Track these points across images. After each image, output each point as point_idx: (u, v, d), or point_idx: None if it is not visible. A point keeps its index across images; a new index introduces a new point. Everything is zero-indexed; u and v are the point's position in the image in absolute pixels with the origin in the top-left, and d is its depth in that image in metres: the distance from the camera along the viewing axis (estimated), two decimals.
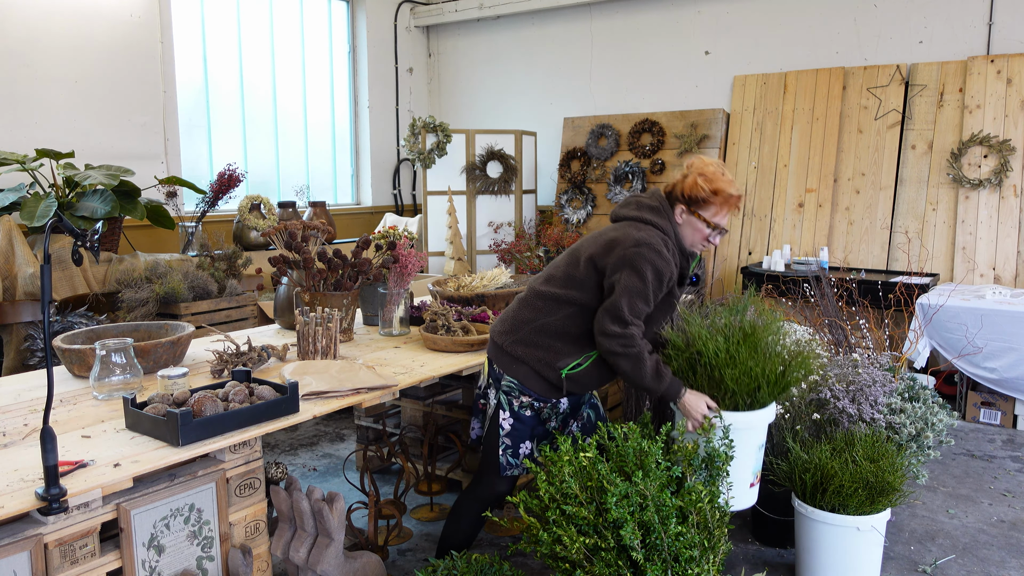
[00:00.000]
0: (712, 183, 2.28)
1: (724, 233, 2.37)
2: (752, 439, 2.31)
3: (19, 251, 3.71)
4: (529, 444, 2.37)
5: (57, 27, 4.70)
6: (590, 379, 2.34)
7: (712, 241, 2.36)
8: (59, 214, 3.47)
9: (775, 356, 2.29)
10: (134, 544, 1.77)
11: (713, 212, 2.30)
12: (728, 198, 2.30)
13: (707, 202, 2.28)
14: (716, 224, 2.31)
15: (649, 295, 2.21)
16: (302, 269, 2.95)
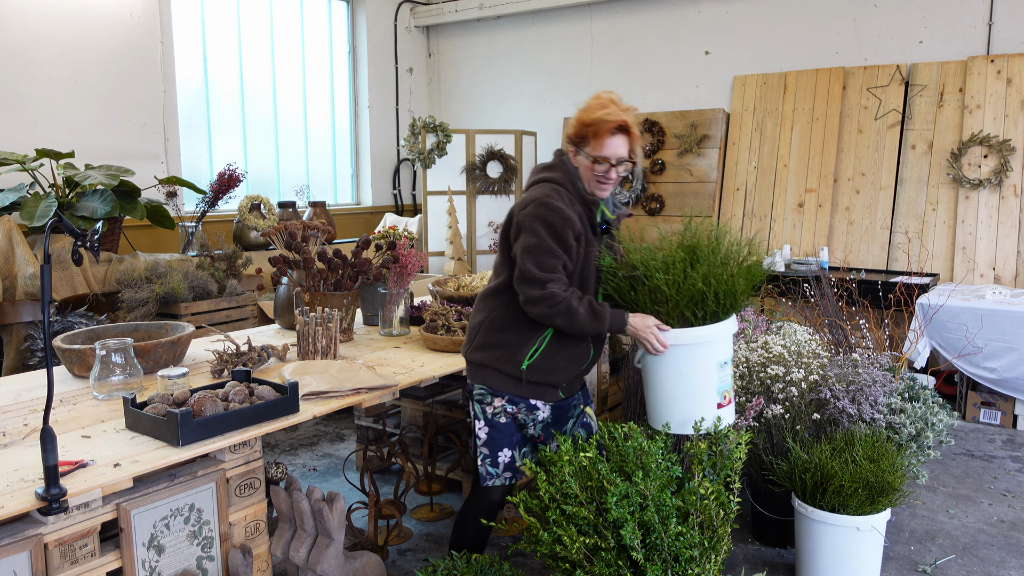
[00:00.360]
0: (582, 116, 2.17)
1: (618, 166, 2.17)
2: (710, 355, 2.19)
3: (19, 251, 3.71)
4: (509, 452, 2.28)
5: (57, 27, 4.70)
6: (554, 362, 2.23)
7: (608, 178, 2.18)
8: (59, 214, 3.47)
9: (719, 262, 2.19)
10: (134, 544, 1.77)
11: (592, 146, 2.15)
12: (598, 125, 2.13)
13: (583, 137, 2.16)
14: (598, 157, 2.14)
15: (552, 247, 2.11)
16: (302, 269, 2.95)
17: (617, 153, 2.15)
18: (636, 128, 2.19)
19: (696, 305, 2.17)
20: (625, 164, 2.18)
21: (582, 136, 2.16)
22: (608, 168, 2.16)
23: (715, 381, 2.21)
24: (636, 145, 2.21)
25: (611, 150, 2.14)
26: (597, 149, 2.14)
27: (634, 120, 2.18)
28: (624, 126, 2.14)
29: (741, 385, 2.95)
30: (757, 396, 2.78)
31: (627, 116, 2.15)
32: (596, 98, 2.19)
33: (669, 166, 6.14)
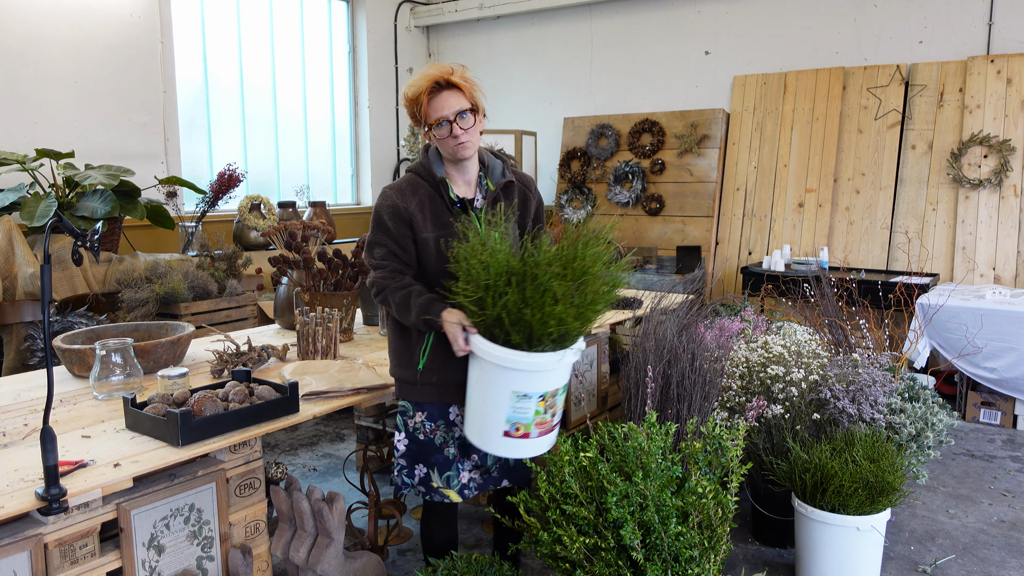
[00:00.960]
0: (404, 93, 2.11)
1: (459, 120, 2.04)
2: (504, 381, 1.94)
3: (19, 251, 3.71)
4: (424, 468, 2.20)
5: (57, 27, 4.70)
6: (446, 361, 2.11)
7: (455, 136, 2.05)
8: (59, 214, 3.48)
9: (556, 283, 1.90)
10: (134, 544, 1.77)
11: (425, 116, 2.06)
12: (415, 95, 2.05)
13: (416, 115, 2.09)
14: (432, 122, 2.05)
15: (376, 236, 2.12)
16: (302, 269, 2.95)
17: (449, 107, 2.03)
18: (459, 76, 2.06)
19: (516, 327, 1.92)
20: (469, 115, 2.05)
21: (415, 115, 2.09)
22: (449, 126, 2.04)
23: (505, 409, 1.96)
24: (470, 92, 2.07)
25: (439, 109, 2.03)
26: (428, 116, 2.05)
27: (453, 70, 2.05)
28: (440, 82, 2.03)
29: (741, 385, 2.95)
30: (757, 396, 2.78)
31: (438, 71, 2.03)
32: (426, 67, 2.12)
33: (669, 166, 6.14)
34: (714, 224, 5.96)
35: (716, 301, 3.72)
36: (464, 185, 2.19)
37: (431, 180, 2.14)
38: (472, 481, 2.25)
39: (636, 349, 2.84)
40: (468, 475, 2.24)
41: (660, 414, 2.67)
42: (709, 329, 3.09)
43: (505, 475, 2.29)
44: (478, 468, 2.26)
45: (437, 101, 2.04)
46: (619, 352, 3.87)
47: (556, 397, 2.02)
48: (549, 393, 1.98)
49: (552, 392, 1.99)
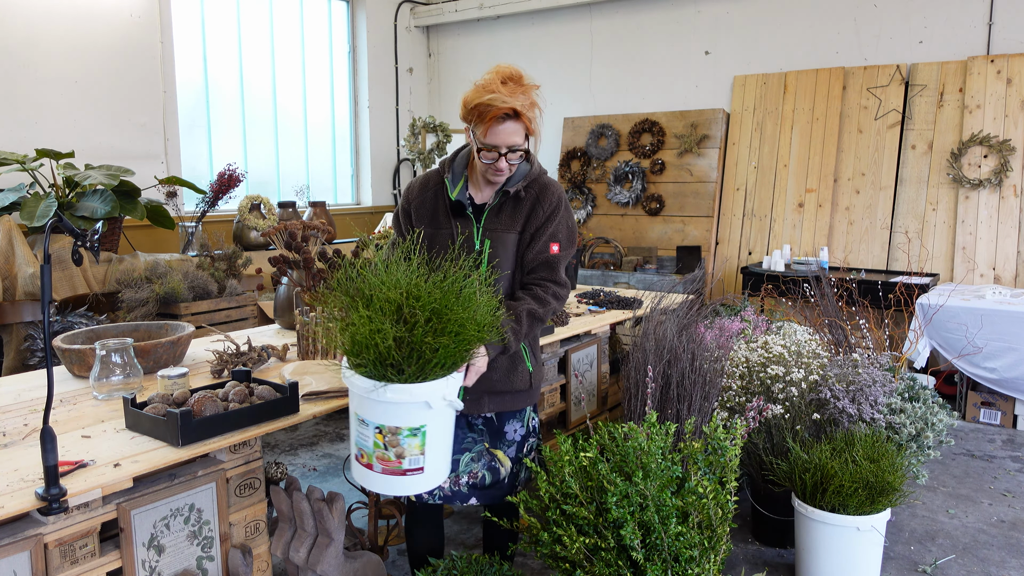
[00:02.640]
0: (469, 95, 1.99)
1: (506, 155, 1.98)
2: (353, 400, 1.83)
3: (19, 251, 3.71)
4: None
5: (57, 27, 4.70)
6: None
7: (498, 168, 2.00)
8: (59, 214, 3.47)
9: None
10: (134, 544, 1.77)
11: (480, 131, 1.97)
12: (482, 110, 1.94)
13: (469, 120, 2.01)
14: (481, 143, 1.98)
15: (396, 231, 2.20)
16: (302, 269, 2.95)
17: (505, 141, 1.97)
18: (531, 111, 1.99)
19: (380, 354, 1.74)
20: (519, 152, 2.01)
21: (470, 119, 2.01)
22: (497, 157, 1.99)
23: (353, 428, 1.86)
24: (532, 127, 2.01)
25: (499, 138, 1.97)
26: (483, 136, 1.98)
27: (528, 103, 1.98)
28: (510, 112, 1.94)
29: (741, 385, 2.95)
30: (757, 396, 2.78)
31: (516, 102, 1.94)
32: (494, 72, 2.00)
33: (669, 166, 6.14)
34: (714, 224, 5.96)
35: (716, 301, 3.72)
36: (485, 190, 2.14)
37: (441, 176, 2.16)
38: (437, 488, 2.16)
39: (636, 349, 2.84)
40: None
41: (660, 414, 2.67)
42: (709, 329, 3.09)
43: (474, 493, 2.20)
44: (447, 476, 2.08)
45: (498, 130, 1.96)
46: (619, 352, 3.87)
47: (400, 437, 1.76)
48: (387, 428, 1.76)
49: (392, 429, 1.76)
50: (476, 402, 2.12)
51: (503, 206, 2.11)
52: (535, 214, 2.12)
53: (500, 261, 2.09)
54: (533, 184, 2.14)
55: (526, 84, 2.00)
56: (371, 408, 1.77)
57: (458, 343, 1.75)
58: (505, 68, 2.00)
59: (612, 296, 3.92)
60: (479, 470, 2.19)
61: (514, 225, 2.11)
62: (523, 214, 2.11)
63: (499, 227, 2.10)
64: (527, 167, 2.13)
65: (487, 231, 2.09)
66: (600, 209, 6.42)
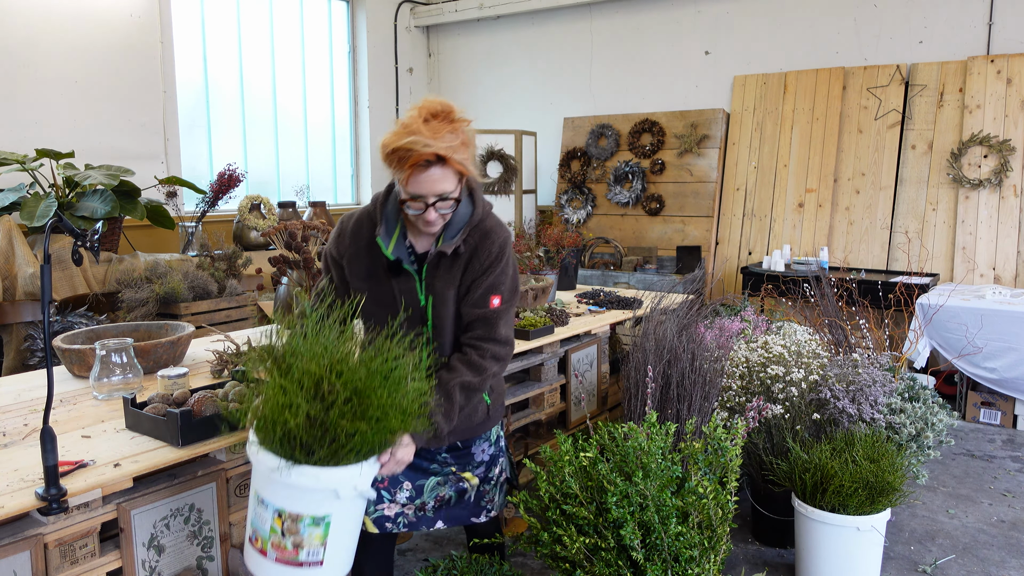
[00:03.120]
0: (387, 139, 1.71)
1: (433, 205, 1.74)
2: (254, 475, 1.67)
3: (19, 251, 3.71)
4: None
5: (57, 27, 4.70)
6: None
7: (427, 220, 1.76)
8: (59, 214, 3.47)
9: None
10: (134, 544, 1.77)
11: (402, 178, 1.72)
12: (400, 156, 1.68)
13: (390, 166, 1.74)
14: (407, 194, 1.74)
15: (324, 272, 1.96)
16: (302, 269, 2.95)
17: (433, 190, 1.72)
18: (462, 152, 1.72)
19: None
20: (451, 200, 1.75)
21: (390, 164, 1.74)
22: (423, 208, 1.74)
23: (252, 509, 1.68)
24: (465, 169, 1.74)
25: (422, 187, 1.71)
26: (405, 184, 1.73)
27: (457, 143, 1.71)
28: (431, 159, 1.69)
29: (741, 385, 2.95)
30: (757, 396, 2.78)
31: (440, 144, 1.68)
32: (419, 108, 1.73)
33: (669, 166, 6.14)
34: (714, 224, 5.97)
35: (716, 301, 3.72)
36: (423, 236, 1.90)
37: (373, 228, 1.87)
38: (401, 516, 2.01)
39: (636, 349, 2.84)
40: (397, 508, 2.00)
41: (660, 414, 2.67)
42: (709, 329, 3.09)
43: (440, 517, 2.06)
44: (412, 503, 2.01)
45: (421, 178, 1.71)
46: (619, 352, 3.87)
47: (301, 525, 1.59)
48: (288, 513, 1.59)
49: (292, 515, 1.59)
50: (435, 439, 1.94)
51: (441, 259, 1.87)
52: (472, 265, 1.88)
53: (442, 321, 1.89)
54: (474, 232, 1.87)
55: (455, 120, 1.74)
56: (273, 489, 1.60)
57: (377, 430, 1.57)
58: (431, 103, 1.73)
59: (612, 296, 3.92)
60: (446, 492, 2.05)
61: (453, 280, 1.88)
62: (461, 266, 1.88)
63: (439, 283, 1.87)
64: (468, 211, 1.87)
65: (430, 288, 1.87)
66: (600, 209, 6.42)
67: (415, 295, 1.88)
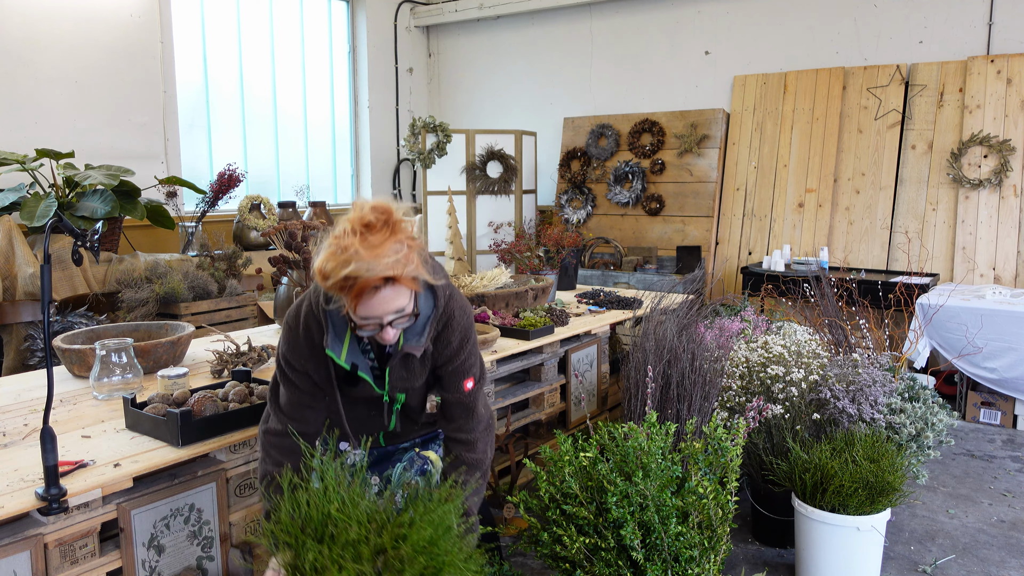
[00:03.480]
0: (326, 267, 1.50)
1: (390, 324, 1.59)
2: None
3: (19, 251, 3.71)
4: None
5: (57, 27, 4.70)
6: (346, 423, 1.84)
7: (384, 338, 1.60)
8: (59, 214, 3.47)
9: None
10: (134, 544, 1.77)
11: (350, 305, 1.55)
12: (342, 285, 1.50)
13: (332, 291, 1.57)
14: (359, 319, 1.57)
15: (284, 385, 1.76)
16: (302, 269, 2.95)
17: (387, 310, 1.56)
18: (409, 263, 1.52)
19: None
20: (408, 313, 1.61)
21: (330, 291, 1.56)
22: (379, 328, 1.59)
23: None
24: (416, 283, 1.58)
25: (374, 310, 1.55)
26: (354, 311, 1.56)
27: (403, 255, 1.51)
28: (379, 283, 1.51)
29: (741, 385, 2.95)
30: (757, 396, 2.78)
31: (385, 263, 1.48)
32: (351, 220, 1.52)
33: (669, 166, 6.14)
34: (714, 224, 5.97)
35: (716, 301, 3.72)
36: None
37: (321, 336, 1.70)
38: None
39: (636, 349, 2.84)
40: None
41: (660, 414, 2.67)
42: (709, 329, 3.09)
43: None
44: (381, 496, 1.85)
45: (372, 303, 1.54)
46: (619, 352, 3.87)
47: None
48: None
49: None
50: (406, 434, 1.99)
51: (405, 358, 1.77)
52: (437, 352, 1.80)
53: (412, 411, 1.89)
54: (436, 325, 1.76)
55: (395, 225, 1.53)
56: None
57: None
58: (364, 213, 1.52)
59: (612, 296, 3.92)
60: (411, 478, 1.97)
61: (423, 372, 1.82)
62: (428, 357, 1.80)
63: (408, 381, 1.80)
64: (430, 305, 1.73)
65: (394, 387, 1.80)
66: (600, 209, 6.42)
67: (378, 397, 1.81)
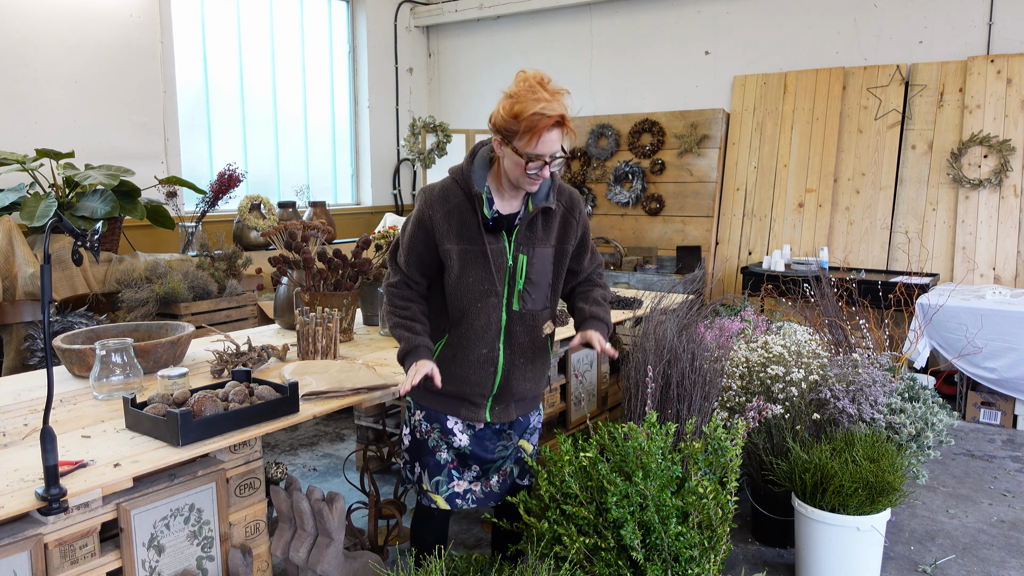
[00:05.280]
0: (513, 105, 1.91)
1: (550, 163, 1.94)
2: None
3: (19, 251, 3.71)
4: (419, 469, 2.22)
5: (57, 27, 4.69)
6: (455, 369, 2.09)
7: (539, 175, 1.96)
8: (59, 214, 3.47)
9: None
10: (134, 544, 1.76)
11: (526, 141, 1.91)
12: (533, 120, 1.88)
13: (512, 130, 1.92)
14: (528, 154, 1.91)
15: (406, 242, 2.08)
16: (302, 269, 2.95)
17: (552, 150, 1.94)
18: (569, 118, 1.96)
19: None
20: (559, 160, 1.98)
21: (513, 130, 1.92)
22: (542, 165, 1.95)
23: None
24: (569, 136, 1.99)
25: (546, 147, 1.92)
26: (531, 146, 1.91)
27: (567, 109, 1.95)
28: (560, 120, 1.92)
29: (741, 385, 2.95)
30: (757, 396, 2.78)
31: (563, 108, 1.93)
32: (524, 81, 1.95)
33: (669, 166, 6.14)
34: (714, 224, 5.97)
35: (716, 301, 3.71)
36: (510, 199, 2.07)
37: (467, 191, 2.03)
38: (469, 493, 2.21)
39: (636, 349, 2.84)
40: (466, 485, 2.21)
41: (660, 414, 2.67)
42: (709, 329, 3.09)
43: (506, 491, 2.25)
44: (479, 480, 2.22)
45: (548, 138, 1.91)
46: (619, 352, 3.87)
47: None
48: None
49: None
50: (504, 410, 2.16)
51: (535, 220, 2.07)
52: (570, 226, 2.12)
53: (538, 276, 2.08)
54: (562, 192, 2.11)
55: (558, 88, 1.97)
56: None
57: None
58: (535, 73, 1.96)
59: (612, 296, 3.92)
60: (508, 466, 2.23)
61: (548, 239, 2.09)
62: (556, 226, 2.09)
63: (534, 242, 2.06)
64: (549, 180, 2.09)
65: (520, 246, 2.05)
66: (600, 209, 6.42)
67: (504, 255, 2.04)
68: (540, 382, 2.19)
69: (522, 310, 2.07)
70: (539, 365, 2.16)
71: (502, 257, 2.03)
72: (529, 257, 2.05)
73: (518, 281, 2.05)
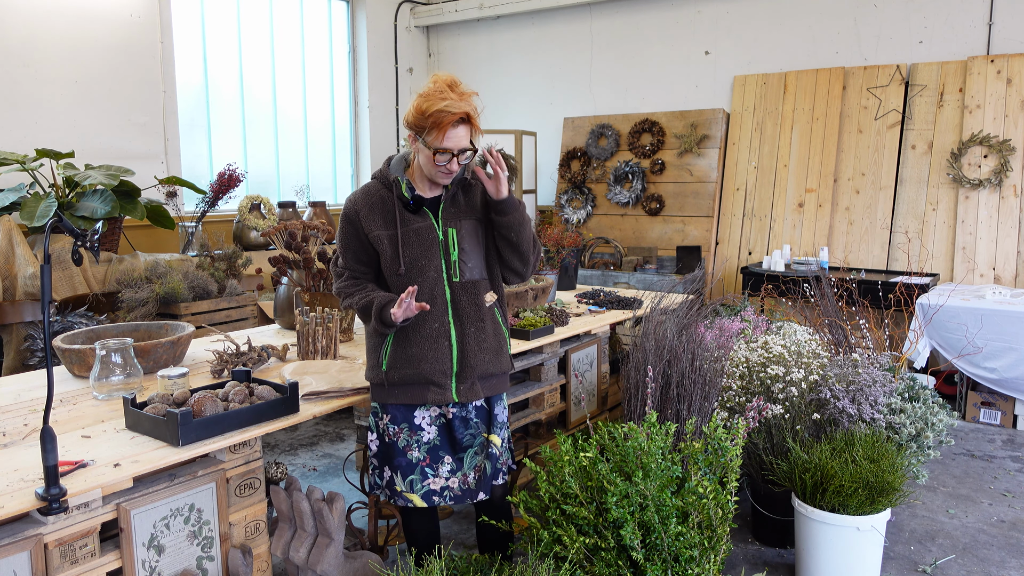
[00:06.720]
0: (421, 104, 2.07)
1: (458, 156, 2.10)
2: None
3: (19, 251, 3.71)
4: (389, 472, 2.22)
5: (57, 27, 4.70)
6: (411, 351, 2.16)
7: (450, 168, 2.11)
8: (59, 214, 3.47)
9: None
10: (134, 544, 1.77)
11: (434, 136, 2.06)
12: (438, 117, 2.04)
13: (421, 126, 2.08)
14: (435, 147, 2.06)
15: (340, 242, 2.24)
16: (302, 269, 2.95)
17: (459, 144, 2.08)
18: (477, 116, 2.12)
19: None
20: (467, 153, 2.11)
21: (422, 126, 2.08)
22: (450, 159, 2.09)
23: None
24: (477, 134, 2.15)
25: (452, 141, 2.07)
26: (438, 140, 2.06)
27: (475, 109, 2.11)
28: (465, 118, 2.07)
29: (741, 385, 2.95)
30: (757, 396, 2.78)
31: (468, 107, 2.08)
32: (435, 83, 2.10)
33: (669, 166, 6.14)
34: (714, 224, 5.97)
35: (716, 301, 3.72)
36: (430, 187, 2.22)
37: (385, 182, 2.21)
38: (447, 491, 2.22)
39: (636, 349, 2.84)
40: (442, 482, 2.21)
41: (660, 414, 2.67)
42: (709, 329, 3.09)
43: (482, 488, 2.24)
44: (455, 474, 2.22)
45: (454, 134, 2.07)
46: (619, 352, 3.87)
47: None
48: None
49: None
50: (470, 389, 2.18)
51: (455, 197, 2.22)
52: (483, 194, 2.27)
53: (470, 246, 2.20)
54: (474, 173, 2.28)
55: (467, 90, 2.13)
56: None
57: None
58: (446, 76, 2.12)
59: (612, 296, 3.92)
60: (481, 462, 2.23)
61: (472, 211, 2.23)
62: (477, 200, 2.24)
63: (460, 215, 2.21)
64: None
65: (448, 220, 2.19)
66: (600, 209, 6.42)
67: (433, 230, 2.17)
68: (500, 356, 2.25)
69: (463, 280, 2.18)
70: (493, 338, 2.22)
71: (432, 232, 2.17)
72: (458, 229, 2.19)
73: (452, 253, 2.18)
